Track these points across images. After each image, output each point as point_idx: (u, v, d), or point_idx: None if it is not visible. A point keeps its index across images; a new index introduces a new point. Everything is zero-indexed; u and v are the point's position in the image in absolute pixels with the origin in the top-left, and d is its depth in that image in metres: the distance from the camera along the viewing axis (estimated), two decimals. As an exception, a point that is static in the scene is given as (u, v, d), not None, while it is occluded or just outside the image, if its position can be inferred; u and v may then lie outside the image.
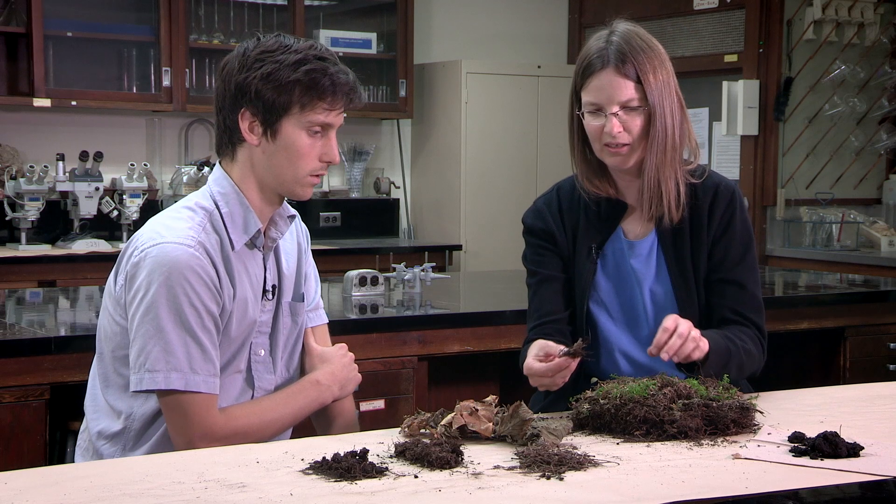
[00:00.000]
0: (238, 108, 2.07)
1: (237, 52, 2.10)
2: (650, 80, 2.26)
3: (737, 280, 2.36)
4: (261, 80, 2.04)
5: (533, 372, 2.15)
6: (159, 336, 2.00)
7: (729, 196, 2.38)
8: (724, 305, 2.36)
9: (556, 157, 6.59)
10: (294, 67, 2.04)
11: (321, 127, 2.09)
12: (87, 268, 5.04)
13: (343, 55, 6.18)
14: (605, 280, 2.39)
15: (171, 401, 2.02)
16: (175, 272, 1.99)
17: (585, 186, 2.39)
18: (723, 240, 2.37)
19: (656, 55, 2.29)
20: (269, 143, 2.08)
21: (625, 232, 2.40)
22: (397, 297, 3.68)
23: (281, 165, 2.09)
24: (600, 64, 2.27)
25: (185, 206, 2.12)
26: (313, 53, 2.07)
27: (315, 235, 6.19)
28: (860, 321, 3.85)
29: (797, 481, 1.72)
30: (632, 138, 2.29)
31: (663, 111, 2.28)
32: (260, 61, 2.05)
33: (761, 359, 2.36)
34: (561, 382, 2.15)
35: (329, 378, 2.22)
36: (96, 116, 5.83)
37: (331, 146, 2.11)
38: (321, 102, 2.06)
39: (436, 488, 1.66)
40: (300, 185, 2.11)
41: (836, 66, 6.26)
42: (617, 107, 2.27)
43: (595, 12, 7.12)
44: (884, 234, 5.96)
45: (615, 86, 2.26)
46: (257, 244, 2.15)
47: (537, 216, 2.46)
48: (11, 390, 2.68)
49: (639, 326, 2.38)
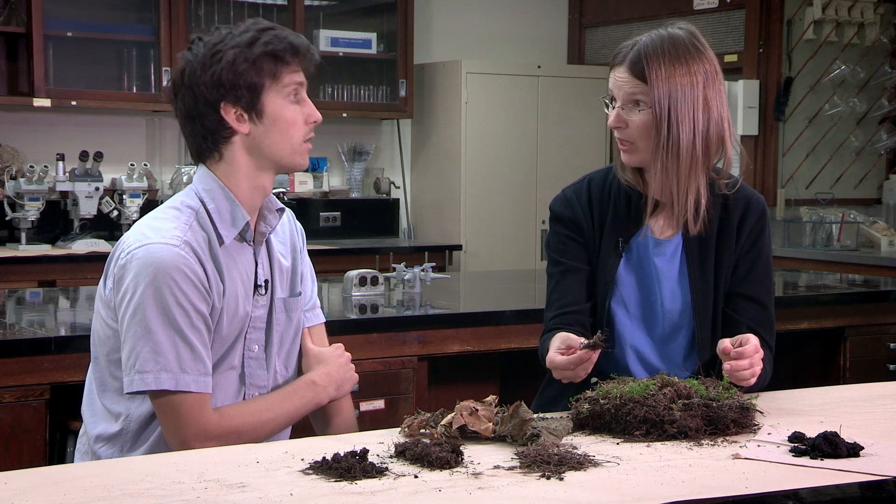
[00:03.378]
0: (217, 106, 2.08)
1: (188, 60, 2.09)
2: (660, 83, 2.26)
3: (759, 299, 2.39)
4: (228, 70, 2.05)
5: (555, 365, 2.16)
6: (148, 337, 1.99)
7: (760, 212, 2.40)
8: (743, 323, 2.36)
9: (556, 157, 6.59)
10: (251, 45, 2.06)
11: (295, 90, 2.11)
12: (87, 268, 5.04)
13: (343, 55, 6.22)
14: (627, 274, 2.40)
15: (164, 401, 2.02)
16: (161, 272, 1.99)
17: (620, 176, 2.41)
18: (749, 255, 2.39)
19: (686, 62, 2.28)
20: (259, 125, 2.09)
21: (652, 229, 2.40)
22: (397, 297, 3.68)
23: (276, 141, 2.10)
24: (619, 59, 2.32)
25: (170, 206, 2.12)
26: (259, 27, 2.10)
27: (315, 235, 6.20)
28: (860, 321, 3.85)
29: (797, 481, 1.72)
30: (630, 136, 2.30)
31: (677, 117, 2.27)
32: (218, 54, 2.07)
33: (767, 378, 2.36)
34: (583, 375, 2.15)
35: (325, 379, 2.22)
36: (96, 116, 5.83)
37: (310, 106, 2.14)
38: (287, 67, 2.09)
39: (436, 488, 1.66)
40: (298, 153, 2.14)
41: (836, 66, 6.27)
42: (620, 100, 2.30)
43: (595, 12, 7.12)
44: (884, 234, 5.96)
45: (623, 81, 2.30)
46: (247, 238, 2.15)
47: (566, 204, 2.46)
48: (11, 390, 2.68)
49: (654, 324, 2.39)
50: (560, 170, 6.38)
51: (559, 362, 2.15)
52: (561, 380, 2.21)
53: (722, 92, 2.34)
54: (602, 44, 7.06)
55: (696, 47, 2.31)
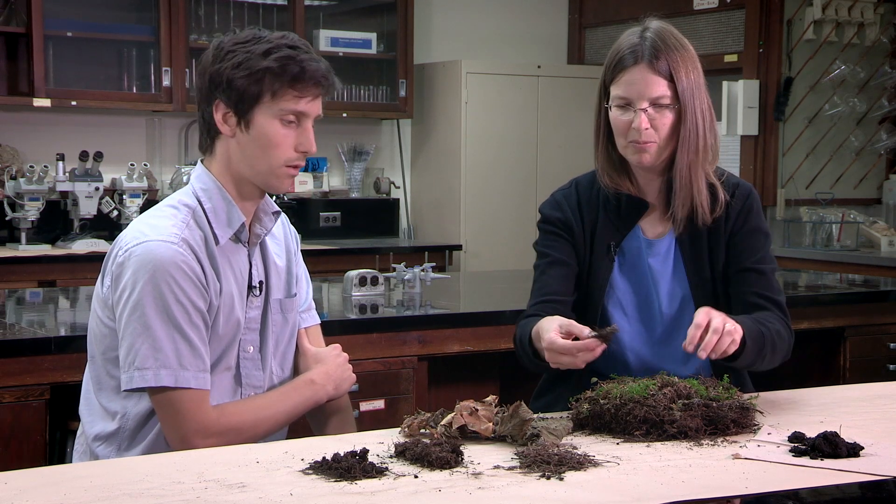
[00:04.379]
0: (212, 100, 2.08)
1: (212, 45, 2.11)
2: (682, 78, 2.26)
3: (756, 268, 2.36)
4: (232, 69, 2.05)
5: (556, 347, 2.06)
6: (147, 334, 2.00)
7: (746, 193, 2.40)
8: (746, 292, 2.35)
9: (556, 157, 6.59)
10: (264, 55, 2.05)
11: (295, 116, 2.08)
12: (87, 268, 5.04)
13: (343, 55, 6.23)
14: (622, 277, 2.39)
15: (163, 398, 2.02)
16: (160, 269, 1.99)
17: (605, 181, 2.38)
18: (740, 233, 2.37)
19: (689, 55, 2.29)
20: (243, 134, 2.08)
21: (643, 230, 2.39)
22: (397, 297, 3.68)
23: (255, 156, 2.09)
24: (633, 59, 2.27)
25: (168, 204, 2.12)
26: (285, 42, 2.07)
27: (315, 235, 6.20)
28: (860, 321, 3.85)
29: (797, 481, 1.72)
30: (659, 136, 2.28)
31: (694, 111, 2.27)
32: (232, 52, 2.07)
33: (790, 338, 2.35)
34: (582, 363, 2.07)
35: (324, 378, 2.22)
36: (96, 116, 5.83)
37: (307, 136, 2.10)
38: (291, 90, 2.05)
39: (436, 488, 1.66)
40: (275, 176, 2.10)
41: (836, 66, 6.26)
42: (647, 102, 2.26)
43: (595, 12, 7.12)
44: (884, 234, 5.96)
45: (647, 82, 2.26)
46: (242, 239, 2.15)
47: (556, 207, 2.45)
48: (11, 390, 2.68)
49: (653, 325, 2.39)
50: (560, 170, 6.37)
51: (561, 345, 2.06)
52: (552, 365, 2.11)
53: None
54: (602, 44, 7.06)
55: (684, 38, 2.32)
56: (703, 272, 2.37)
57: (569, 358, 2.07)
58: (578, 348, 2.06)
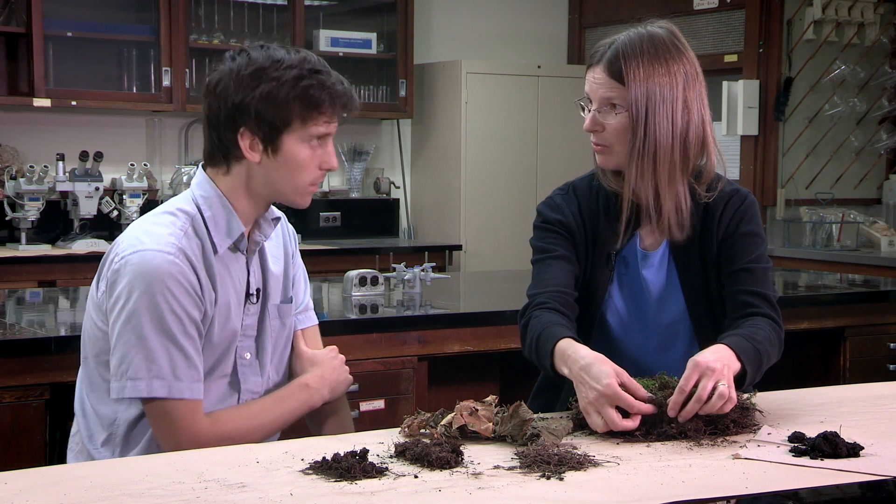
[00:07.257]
0: (237, 128, 2.05)
1: (229, 69, 2.06)
2: (638, 84, 2.20)
3: (746, 267, 2.30)
4: (259, 100, 2.02)
5: (619, 428, 1.94)
6: (141, 344, 1.99)
7: (739, 202, 2.33)
8: (737, 291, 2.29)
9: (556, 157, 6.59)
10: (292, 84, 2.03)
11: (320, 137, 2.09)
12: (87, 268, 5.03)
13: (343, 55, 6.22)
14: (619, 287, 2.36)
15: (156, 408, 2.02)
16: (156, 280, 1.98)
17: (602, 180, 2.35)
18: (732, 238, 2.31)
19: (665, 62, 2.22)
20: (271, 159, 2.07)
21: (641, 238, 2.35)
22: (397, 297, 3.68)
23: (282, 179, 2.09)
24: (596, 59, 2.28)
25: (166, 210, 2.10)
26: (308, 67, 2.05)
27: (315, 235, 6.20)
28: (860, 321, 3.85)
29: (797, 481, 1.72)
30: (607, 140, 2.26)
31: (654, 119, 2.21)
32: (256, 79, 2.03)
33: (781, 337, 2.28)
34: (622, 427, 1.96)
35: (318, 381, 2.21)
36: (96, 116, 5.83)
37: (329, 154, 2.11)
38: (321, 116, 2.06)
39: (436, 488, 1.66)
40: (300, 194, 2.12)
41: (836, 66, 6.26)
42: (597, 103, 2.26)
43: (595, 12, 7.13)
44: (884, 234, 5.96)
45: (599, 82, 2.26)
46: (241, 248, 2.14)
47: (556, 209, 2.39)
48: (11, 390, 2.68)
49: (649, 336, 2.36)
50: (560, 170, 6.37)
51: (624, 426, 1.94)
52: (591, 410, 1.98)
53: (703, 94, 2.26)
54: (602, 44, 7.06)
55: (677, 47, 2.25)
56: (699, 284, 2.33)
57: (617, 415, 1.95)
58: (639, 410, 1.95)
